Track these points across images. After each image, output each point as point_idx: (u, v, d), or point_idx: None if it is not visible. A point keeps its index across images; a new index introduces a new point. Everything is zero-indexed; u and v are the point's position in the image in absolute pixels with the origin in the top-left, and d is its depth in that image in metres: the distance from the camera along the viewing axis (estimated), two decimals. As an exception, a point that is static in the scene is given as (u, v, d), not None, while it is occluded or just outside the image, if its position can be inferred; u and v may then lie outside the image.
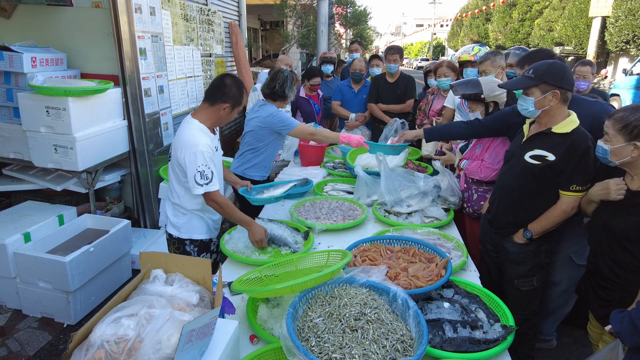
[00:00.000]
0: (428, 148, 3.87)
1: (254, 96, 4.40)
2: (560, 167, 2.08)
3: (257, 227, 2.26)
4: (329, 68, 5.27)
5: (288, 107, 3.78)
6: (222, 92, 2.24)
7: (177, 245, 2.41)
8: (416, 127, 4.17)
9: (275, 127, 2.99)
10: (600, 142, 1.93)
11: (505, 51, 3.54)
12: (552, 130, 2.11)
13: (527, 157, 2.18)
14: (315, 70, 4.97)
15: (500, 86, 2.50)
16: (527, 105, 2.13)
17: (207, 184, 2.18)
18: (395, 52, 4.33)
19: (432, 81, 4.42)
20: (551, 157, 2.09)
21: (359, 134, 4.52)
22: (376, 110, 4.45)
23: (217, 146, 2.36)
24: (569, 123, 2.09)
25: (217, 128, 2.42)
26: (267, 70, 4.14)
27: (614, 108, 2.22)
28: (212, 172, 2.19)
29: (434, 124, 3.80)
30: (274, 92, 3.01)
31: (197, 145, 2.15)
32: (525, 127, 2.30)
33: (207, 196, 2.23)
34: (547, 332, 2.81)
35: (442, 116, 3.76)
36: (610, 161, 1.90)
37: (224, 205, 2.26)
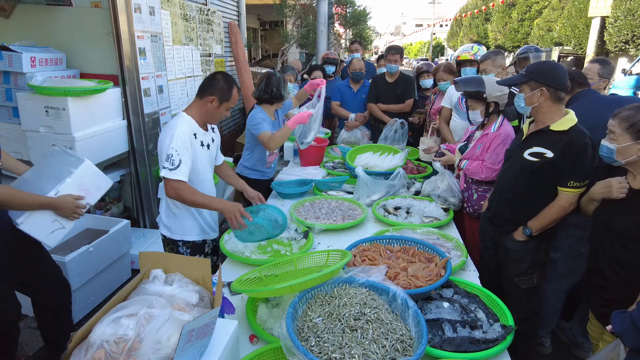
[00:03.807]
0: (424, 155, 3.63)
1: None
2: (558, 164, 2.10)
3: (228, 206, 2.13)
4: (330, 69, 5.29)
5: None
6: (210, 85, 2.22)
7: (170, 246, 2.38)
8: (429, 126, 4.07)
9: (250, 127, 3.10)
10: (605, 142, 1.93)
11: (520, 50, 3.53)
12: (550, 128, 2.15)
13: (526, 154, 2.22)
14: (317, 66, 4.98)
15: (498, 83, 2.57)
16: (519, 101, 2.24)
17: (171, 169, 2.06)
18: (396, 52, 4.34)
19: (424, 82, 4.44)
20: (549, 154, 2.12)
21: (359, 134, 4.53)
22: (376, 110, 4.45)
23: (209, 143, 2.33)
24: (566, 121, 2.12)
25: (217, 126, 2.40)
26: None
27: None
28: (180, 160, 2.07)
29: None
30: (272, 95, 3.11)
31: (174, 129, 2.11)
32: (525, 126, 2.35)
33: (167, 183, 2.09)
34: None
35: (441, 115, 3.76)
36: (615, 160, 1.91)
37: (182, 194, 2.10)
